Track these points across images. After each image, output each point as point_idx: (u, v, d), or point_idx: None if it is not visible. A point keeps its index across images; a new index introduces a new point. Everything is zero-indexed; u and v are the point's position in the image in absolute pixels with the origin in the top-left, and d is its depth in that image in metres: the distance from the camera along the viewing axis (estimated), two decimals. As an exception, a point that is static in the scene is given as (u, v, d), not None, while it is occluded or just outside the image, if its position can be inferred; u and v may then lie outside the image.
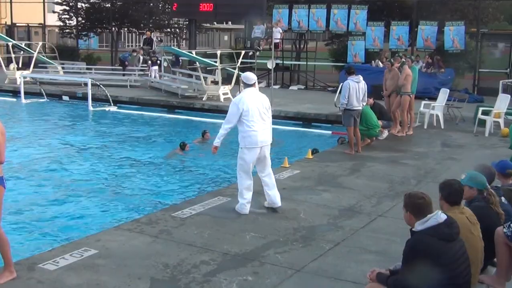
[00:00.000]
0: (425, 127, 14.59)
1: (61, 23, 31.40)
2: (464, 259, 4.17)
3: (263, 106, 7.42)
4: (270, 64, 18.43)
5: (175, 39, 34.86)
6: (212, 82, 19.66)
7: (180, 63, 23.76)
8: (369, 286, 4.54)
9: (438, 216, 4.17)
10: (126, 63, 25.16)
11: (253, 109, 7.30)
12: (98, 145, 13.89)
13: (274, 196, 7.58)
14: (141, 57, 23.15)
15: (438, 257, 4.02)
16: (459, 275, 4.11)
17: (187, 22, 28.13)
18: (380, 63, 21.42)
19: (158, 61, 23.26)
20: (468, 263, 4.22)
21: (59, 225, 8.21)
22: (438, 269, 4.01)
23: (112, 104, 19.33)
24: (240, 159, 7.43)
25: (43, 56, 25.51)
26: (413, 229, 4.21)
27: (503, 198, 5.07)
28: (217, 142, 7.47)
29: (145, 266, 5.67)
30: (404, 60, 13.47)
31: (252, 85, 7.54)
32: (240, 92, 7.58)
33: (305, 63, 24.27)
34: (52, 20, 32.68)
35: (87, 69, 25.51)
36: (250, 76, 7.53)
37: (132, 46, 47.70)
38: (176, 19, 30.85)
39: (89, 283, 5.29)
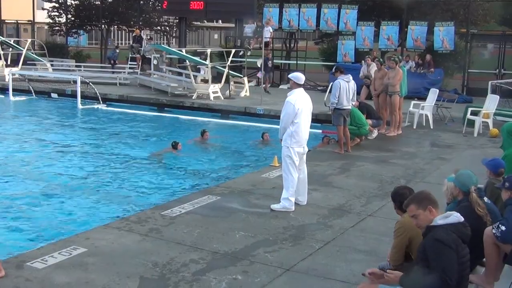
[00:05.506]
0: (415, 127, 14.64)
1: (51, 20, 31.22)
2: (468, 265, 4.13)
3: (309, 107, 7.72)
4: (260, 63, 18.44)
5: (165, 37, 34.78)
6: (202, 80, 19.61)
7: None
8: (361, 286, 4.54)
9: (458, 216, 4.14)
10: (112, 61, 25.01)
11: (304, 110, 7.58)
12: (87, 143, 13.82)
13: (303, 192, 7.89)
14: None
15: (457, 253, 3.96)
16: (463, 277, 4.06)
17: (177, 20, 28.04)
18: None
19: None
20: (468, 271, 4.19)
21: (47, 223, 8.16)
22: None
23: (101, 102, 19.26)
24: (288, 158, 7.62)
25: (32, 53, 25.35)
26: (431, 224, 4.10)
27: (485, 198, 5.02)
28: (281, 136, 7.75)
29: (134, 265, 5.66)
30: (397, 59, 13.40)
31: (302, 85, 7.75)
32: (290, 91, 7.74)
33: (295, 62, 24.28)
34: (42, 17, 32.48)
35: (76, 66, 25.36)
36: (301, 76, 7.75)
37: (121, 43, 47.56)
38: (166, 17, 30.75)
39: (78, 281, 5.26)
